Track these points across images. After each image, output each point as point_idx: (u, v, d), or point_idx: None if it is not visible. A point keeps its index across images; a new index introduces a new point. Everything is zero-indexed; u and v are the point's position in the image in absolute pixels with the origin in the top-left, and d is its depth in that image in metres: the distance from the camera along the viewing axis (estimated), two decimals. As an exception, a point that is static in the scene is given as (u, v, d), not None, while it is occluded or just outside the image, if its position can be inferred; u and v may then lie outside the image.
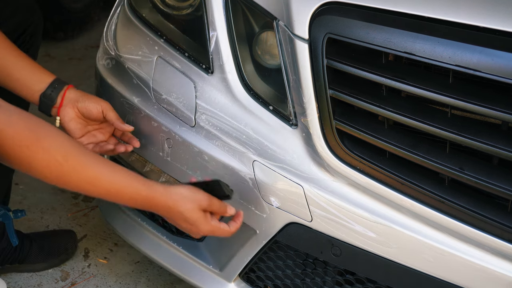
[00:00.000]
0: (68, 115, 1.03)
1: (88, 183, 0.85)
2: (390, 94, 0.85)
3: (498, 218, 0.80)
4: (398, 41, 0.80)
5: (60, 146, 0.83)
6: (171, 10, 1.06)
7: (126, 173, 0.88)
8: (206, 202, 0.91)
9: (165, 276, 1.37)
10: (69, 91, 1.03)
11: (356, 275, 0.96)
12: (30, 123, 0.81)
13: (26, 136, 0.80)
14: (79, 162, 0.84)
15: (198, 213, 0.91)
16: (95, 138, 1.06)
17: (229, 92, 0.99)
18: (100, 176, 0.85)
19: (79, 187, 0.85)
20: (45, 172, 0.82)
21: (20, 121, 0.80)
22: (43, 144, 0.81)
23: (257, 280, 1.06)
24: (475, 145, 0.79)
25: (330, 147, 0.90)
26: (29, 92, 1.02)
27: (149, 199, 0.89)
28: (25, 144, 0.80)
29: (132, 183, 0.87)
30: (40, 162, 0.81)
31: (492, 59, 0.75)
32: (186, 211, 0.90)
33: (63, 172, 0.83)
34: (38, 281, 1.37)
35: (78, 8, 2.46)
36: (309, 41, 0.87)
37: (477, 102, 0.77)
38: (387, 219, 0.88)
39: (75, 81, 2.22)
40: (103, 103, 1.04)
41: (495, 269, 0.82)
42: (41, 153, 0.81)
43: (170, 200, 0.90)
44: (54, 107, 1.03)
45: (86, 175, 0.84)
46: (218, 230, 0.93)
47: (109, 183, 0.86)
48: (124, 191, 0.87)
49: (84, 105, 1.02)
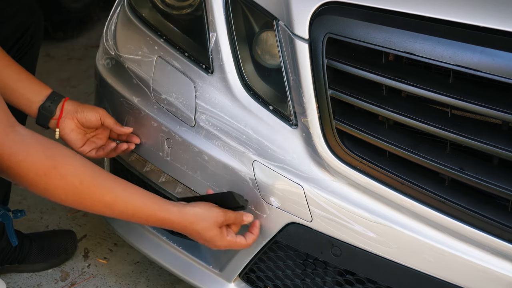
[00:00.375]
0: (68, 127, 1.04)
1: (105, 205, 0.86)
2: (390, 94, 0.85)
3: (498, 218, 0.80)
4: (398, 41, 0.80)
5: (77, 171, 0.84)
6: (171, 10, 1.06)
7: (142, 195, 0.89)
8: (221, 218, 0.93)
9: (165, 276, 1.37)
10: (67, 103, 1.05)
11: (356, 275, 0.96)
12: (47, 149, 0.82)
13: (43, 164, 0.81)
14: (95, 186, 0.85)
15: (214, 231, 0.92)
16: (95, 144, 1.07)
17: (229, 92, 0.99)
18: (116, 199, 0.86)
19: (95, 209, 0.86)
20: (62, 196, 0.84)
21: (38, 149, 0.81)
22: (60, 171, 0.82)
23: (257, 280, 1.06)
24: (476, 145, 0.78)
25: (330, 147, 0.90)
26: (27, 104, 1.03)
27: (164, 220, 0.90)
28: (42, 172, 0.81)
29: (147, 205, 0.89)
30: (57, 188, 0.83)
31: (492, 59, 0.75)
32: (202, 230, 0.92)
33: (80, 196, 0.84)
34: (38, 281, 1.37)
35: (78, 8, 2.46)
36: (309, 41, 0.87)
37: (477, 102, 0.77)
38: (387, 219, 0.88)
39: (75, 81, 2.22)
40: (100, 110, 1.06)
41: (495, 269, 0.82)
42: (58, 180, 0.82)
43: (186, 221, 0.91)
44: (53, 119, 1.04)
45: (103, 198, 0.86)
46: (235, 244, 0.95)
47: (125, 205, 0.87)
48: (140, 212, 0.88)
49: (83, 115, 1.04)
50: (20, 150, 0.80)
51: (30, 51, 1.25)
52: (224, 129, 0.99)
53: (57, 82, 2.20)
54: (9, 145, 0.79)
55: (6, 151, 0.79)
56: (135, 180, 1.15)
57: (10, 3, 1.20)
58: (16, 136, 0.80)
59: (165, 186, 1.10)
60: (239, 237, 0.95)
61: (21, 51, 1.22)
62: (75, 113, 1.04)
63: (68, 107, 1.04)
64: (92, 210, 0.87)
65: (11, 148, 0.79)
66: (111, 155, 1.09)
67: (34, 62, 1.29)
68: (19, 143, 0.80)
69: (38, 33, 1.25)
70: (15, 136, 0.80)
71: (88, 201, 0.85)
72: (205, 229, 0.92)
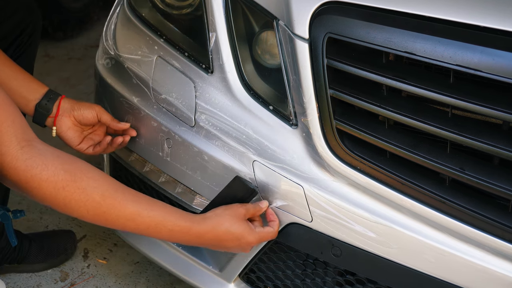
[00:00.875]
0: (65, 125, 1.03)
1: (128, 219, 0.84)
2: (390, 94, 0.84)
3: (499, 218, 0.80)
4: (398, 40, 0.80)
5: (97, 185, 0.82)
6: (170, 10, 1.06)
7: (165, 207, 0.88)
8: (243, 210, 0.91)
9: (164, 277, 1.37)
10: (64, 101, 1.04)
11: (356, 275, 0.96)
12: (65, 163, 0.81)
13: (61, 178, 0.80)
14: (117, 200, 0.83)
15: (243, 224, 0.90)
16: (92, 141, 1.07)
17: (229, 92, 0.99)
18: (139, 212, 0.85)
19: (117, 224, 0.85)
20: (82, 212, 0.82)
21: (56, 162, 0.80)
22: (79, 185, 0.81)
23: (257, 280, 1.06)
24: (476, 145, 0.78)
25: (330, 147, 0.89)
26: (23, 102, 1.02)
27: (189, 229, 0.88)
28: (61, 185, 0.80)
29: (170, 217, 0.87)
30: (77, 202, 0.81)
31: (493, 59, 0.75)
32: (231, 226, 0.90)
33: (101, 211, 0.82)
34: (37, 281, 1.36)
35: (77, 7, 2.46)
36: (309, 41, 0.86)
37: (478, 102, 0.77)
38: (388, 219, 0.88)
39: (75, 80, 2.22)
40: (96, 107, 1.06)
41: (495, 269, 0.82)
42: (77, 194, 0.81)
43: (210, 224, 0.89)
44: (50, 117, 1.03)
45: (125, 212, 0.84)
46: (266, 235, 0.93)
47: (148, 218, 0.85)
48: (163, 224, 0.87)
49: (79, 112, 1.04)
50: (36, 163, 0.78)
51: (28, 50, 1.24)
52: (224, 129, 0.99)
53: (57, 82, 2.19)
54: (23, 159, 0.78)
55: (21, 165, 0.78)
56: (135, 180, 1.15)
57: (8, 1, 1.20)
58: (32, 150, 0.79)
59: (164, 186, 1.10)
60: (266, 227, 0.93)
61: (19, 49, 1.22)
62: (71, 111, 1.03)
63: (65, 105, 1.03)
64: (116, 226, 0.84)
65: (26, 162, 0.78)
66: (108, 150, 1.08)
67: (32, 61, 1.29)
68: (35, 156, 0.78)
69: (36, 32, 1.25)
70: (30, 150, 0.78)
71: (111, 216, 0.83)
72: (233, 225, 0.89)
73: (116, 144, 1.06)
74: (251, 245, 0.93)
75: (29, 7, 1.24)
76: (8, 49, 1.20)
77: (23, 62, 1.24)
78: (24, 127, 0.80)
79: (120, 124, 1.06)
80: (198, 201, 1.06)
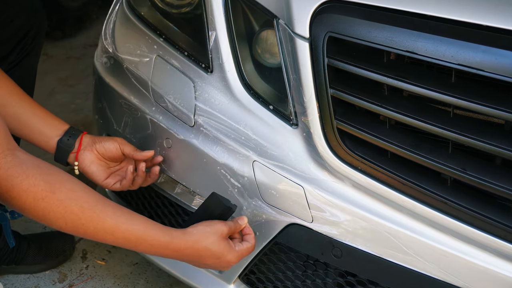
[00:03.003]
0: (88, 159, 1.02)
1: (106, 232, 0.84)
2: (391, 94, 0.84)
3: (501, 219, 0.80)
4: (400, 39, 0.79)
5: (76, 197, 0.81)
6: (170, 9, 1.05)
7: (144, 221, 0.87)
8: (225, 228, 0.91)
9: (164, 278, 1.36)
10: (85, 136, 1.03)
11: (357, 276, 0.95)
12: (46, 174, 0.80)
13: (41, 189, 0.79)
14: (95, 213, 0.82)
15: (223, 243, 0.90)
16: (120, 177, 1.04)
17: (229, 92, 0.98)
18: (118, 225, 0.84)
19: (96, 237, 0.84)
20: (61, 223, 0.81)
21: (36, 173, 0.79)
22: (58, 196, 0.80)
23: (257, 282, 1.05)
24: (478, 145, 0.78)
25: (331, 147, 0.89)
26: (44, 139, 1.01)
27: (169, 244, 0.87)
28: (40, 196, 0.79)
29: (150, 231, 0.86)
30: (55, 214, 0.80)
31: (495, 58, 0.74)
32: (211, 244, 0.89)
33: (80, 223, 0.82)
34: (36, 282, 1.36)
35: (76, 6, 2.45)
36: (310, 40, 0.86)
37: (480, 101, 0.76)
38: (389, 220, 0.87)
39: (73, 80, 2.22)
40: (118, 139, 1.04)
41: (498, 270, 0.81)
42: (56, 205, 0.80)
43: (190, 240, 0.88)
44: (72, 153, 1.02)
45: (104, 225, 0.83)
46: (245, 251, 0.93)
47: (127, 232, 0.85)
48: (143, 239, 0.86)
49: (101, 145, 1.02)
50: (17, 173, 0.78)
51: (33, 51, 1.24)
52: (223, 129, 0.98)
53: (55, 82, 2.19)
54: (5, 168, 0.77)
55: (2, 173, 0.77)
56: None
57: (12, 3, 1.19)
58: (14, 159, 0.78)
59: (163, 186, 1.09)
60: (244, 243, 0.93)
61: (22, 52, 1.22)
62: (93, 144, 1.02)
63: (86, 139, 1.02)
64: (95, 238, 0.84)
65: (8, 171, 0.77)
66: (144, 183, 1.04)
67: (36, 63, 1.29)
68: (16, 166, 0.78)
69: (39, 34, 1.24)
70: (13, 159, 0.78)
71: (89, 228, 0.82)
72: (214, 243, 0.89)
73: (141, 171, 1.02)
74: (230, 264, 0.92)
75: (34, 9, 1.23)
76: (13, 51, 1.20)
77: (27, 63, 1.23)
78: (7, 136, 0.79)
79: (144, 153, 1.02)
80: (197, 202, 1.05)
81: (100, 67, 1.17)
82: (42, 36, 1.26)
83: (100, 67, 1.17)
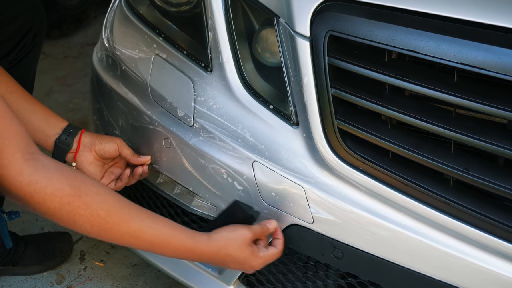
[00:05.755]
0: (86, 160, 1.02)
1: (132, 236, 0.83)
2: (393, 93, 0.83)
3: (504, 220, 0.79)
4: (401, 38, 0.79)
5: (102, 201, 0.81)
6: (169, 7, 1.04)
7: (170, 225, 0.87)
8: (249, 235, 0.90)
9: (163, 279, 1.36)
10: (84, 135, 1.02)
11: (358, 278, 0.94)
12: (70, 178, 0.79)
13: (66, 193, 0.78)
14: (122, 216, 0.82)
15: (248, 249, 0.90)
16: (114, 175, 1.05)
17: (229, 91, 0.97)
18: (143, 229, 0.84)
19: (121, 241, 0.84)
20: (87, 227, 0.81)
21: (61, 177, 0.78)
22: (84, 200, 0.80)
23: (257, 283, 1.05)
24: (480, 145, 0.77)
25: (331, 147, 0.88)
26: (43, 137, 1.00)
27: (193, 248, 0.87)
28: (66, 201, 0.78)
29: (176, 235, 0.86)
30: (82, 217, 0.80)
31: (498, 57, 0.74)
32: (234, 252, 0.89)
33: (106, 227, 0.81)
34: (33, 284, 1.35)
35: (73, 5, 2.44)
36: (311, 39, 0.85)
37: (482, 101, 0.76)
38: (390, 220, 0.87)
39: (71, 79, 2.20)
40: (118, 140, 1.04)
41: (500, 272, 0.81)
42: (83, 209, 0.80)
43: (215, 246, 0.89)
44: (70, 153, 1.01)
45: (130, 229, 0.83)
46: (270, 257, 0.92)
47: (153, 236, 0.85)
48: (168, 242, 0.86)
49: (101, 147, 1.02)
50: (40, 177, 0.76)
51: (33, 50, 1.23)
52: (223, 128, 0.97)
53: (53, 81, 2.18)
54: (28, 172, 0.76)
55: (25, 178, 0.76)
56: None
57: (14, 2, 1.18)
58: (35, 163, 0.77)
59: (163, 187, 1.08)
60: (270, 248, 0.92)
61: (24, 50, 1.21)
62: (92, 146, 1.01)
63: (85, 139, 1.02)
64: (121, 242, 0.84)
65: (31, 176, 0.76)
66: (130, 182, 1.05)
67: (36, 62, 1.28)
68: (39, 170, 0.76)
69: (39, 35, 1.24)
70: (34, 163, 0.76)
71: (115, 232, 0.82)
72: (237, 251, 0.89)
73: (137, 175, 1.04)
74: (254, 269, 0.92)
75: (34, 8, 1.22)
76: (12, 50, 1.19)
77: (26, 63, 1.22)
78: (28, 139, 0.78)
79: (140, 158, 1.03)
80: (197, 202, 1.04)
81: (99, 66, 1.16)
82: (42, 35, 1.25)
83: (99, 66, 1.16)
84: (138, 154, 1.05)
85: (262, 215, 0.94)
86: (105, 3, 1.26)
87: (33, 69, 1.28)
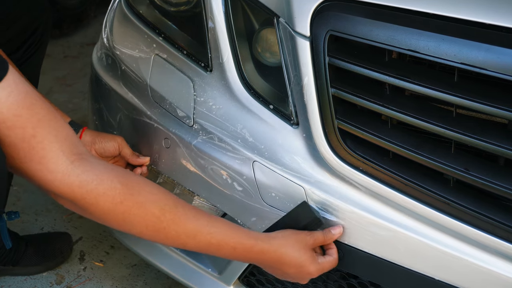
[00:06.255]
0: None
1: (188, 236, 0.80)
2: (393, 93, 0.83)
3: (504, 220, 0.79)
4: (402, 38, 0.79)
5: (156, 199, 0.78)
6: (168, 7, 1.04)
7: (226, 223, 0.84)
8: (311, 239, 0.87)
9: (162, 280, 1.35)
10: (85, 134, 1.01)
11: (359, 278, 0.94)
12: (121, 176, 0.76)
13: (118, 192, 0.75)
14: (177, 215, 0.79)
15: (307, 253, 0.87)
16: None
17: (229, 91, 0.97)
18: (200, 228, 0.81)
19: (177, 241, 0.81)
20: (141, 227, 0.78)
21: (111, 175, 0.75)
22: (137, 199, 0.76)
23: (257, 283, 1.04)
24: (481, 145, 0.77)
25: (332, 147, 0.88)
26: None
27: (253, 247, 0.84)
28: (119, 200, 0.75)
29: (233, 234, 0.83)
30: (136, 217, 0.77)
31: (498, 57, 0.74)
32: (295, 252, 0.86)
33: (161, 227, 0.78)
34: (33, 284, 1.34)
35: (73, 4, 2.44)
36: (311, 39, 0.85)
37: (483, 101, 0.75)
38: (390, 221, 0.87)
39: (71, 79, 2.20)
40: (118, 139, 1.02)
41: (501, 272, 0.80)
42: (136, 208, 0.76)
43: (275, 244, 0.85)
44: None
45: (185, 229, 0.80)
46: (327, 266, 0.89)
47: (209, 235, 0.81)
48: (226, 242, 0.82)
49: (101, 145, 1.01)
50: (90, 178, 0.73)
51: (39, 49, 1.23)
52: (223, 128, 0.97)
53: (53, 81, 2.17)
54: (76, 173, 0.72)
55: (74, 180, 0.73)
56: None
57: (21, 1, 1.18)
58: (83, 163, 0.73)
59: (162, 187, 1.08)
60: (327, 256, 0.89)
61: (31, 49, 1.21)
62: (93, 144, 1.00)
63: (86, 137, 1.00)
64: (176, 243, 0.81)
65: (80, 177, 0.72)
66: None
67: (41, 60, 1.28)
68: (88, 171, 0.73)
69: (47, 32, 1.24)
70: (82, 164, 0.73)
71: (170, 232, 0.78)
72: (295, 252, 0.85)
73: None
74: (311, 276, 0.89)
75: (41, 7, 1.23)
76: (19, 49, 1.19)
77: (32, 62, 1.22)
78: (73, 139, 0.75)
79: (140, 159, 1.02)
80: (197, 203, 1.04)
81: (98, 66, 1.16)
82: (48, 34, 1.25)
83: (98, 66, 1.16)
84: (137, 154, 1.04)
85: None
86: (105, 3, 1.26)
87: (39, 67, 1.28)
